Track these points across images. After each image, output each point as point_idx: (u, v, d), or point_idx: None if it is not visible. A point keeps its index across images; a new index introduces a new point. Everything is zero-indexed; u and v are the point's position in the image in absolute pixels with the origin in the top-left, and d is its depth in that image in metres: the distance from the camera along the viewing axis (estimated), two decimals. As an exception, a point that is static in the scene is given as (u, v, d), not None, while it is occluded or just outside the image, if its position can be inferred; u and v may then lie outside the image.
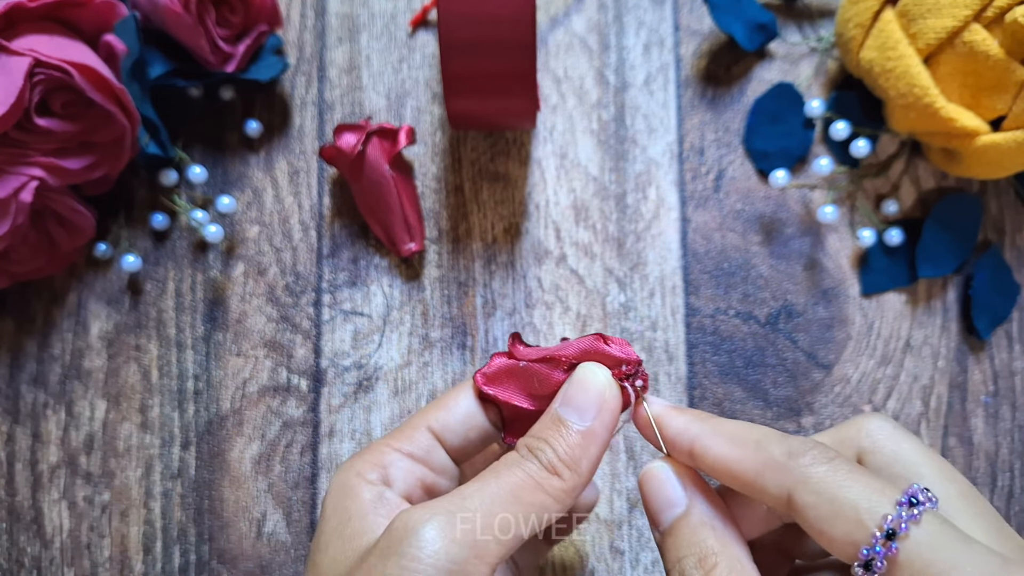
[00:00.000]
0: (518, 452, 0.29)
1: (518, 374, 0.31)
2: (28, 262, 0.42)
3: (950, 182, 0.46)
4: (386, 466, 0.30)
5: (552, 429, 0.29)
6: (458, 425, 0.32)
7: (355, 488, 0.30)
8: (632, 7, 0.47)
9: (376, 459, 0.30)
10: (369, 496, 0.29)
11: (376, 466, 0.30)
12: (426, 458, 0.31)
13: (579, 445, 0.29)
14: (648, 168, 0.46)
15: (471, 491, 0.27)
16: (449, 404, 0.32)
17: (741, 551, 0.28)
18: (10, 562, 0.43)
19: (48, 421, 0.44)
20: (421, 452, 0.31)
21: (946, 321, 0.45)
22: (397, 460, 0.31)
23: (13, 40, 0.38)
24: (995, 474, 0.44)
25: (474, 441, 0.32)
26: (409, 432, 0.31)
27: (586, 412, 0.29)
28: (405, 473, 0.30)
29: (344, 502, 0.29)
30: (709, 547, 0.27)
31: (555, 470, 0.28)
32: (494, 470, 0.28)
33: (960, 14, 0.39)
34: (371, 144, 0.43)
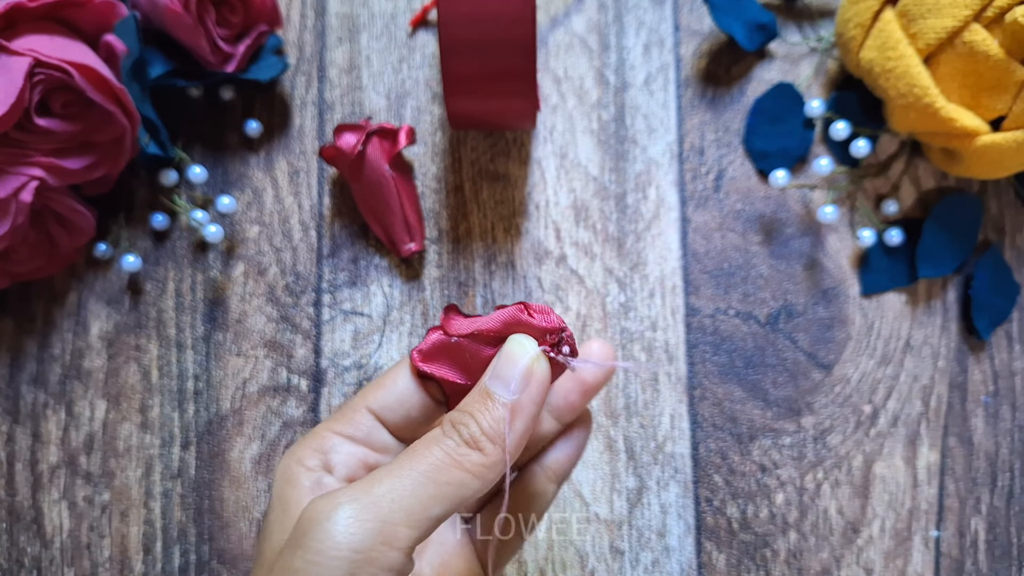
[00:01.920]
0: (441, 428, 0.28)
1: (451, 350, 0.31)
2: (28, 262, 0.42)
3: (950, 182, 0.46)
4: (327, 451, 0.30)
5: (479, 403, 0.29)
6: (397, 404, 0.31)
7: (295, 475, 0.30)
8: (632, 7, 0.47)
9: (316, 444, 0.31)
10: (308, 483, 0.29)
11: (316, 451, 0.30)
12: (367, 439, 0.31)
13: (504, 418, 0.28)
14: (648, 168, 0.46)
15: (382, 474, 0.27)
16: (387, 383, 0.32)
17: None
18: (10, 562, 0.43)
19: (48, 421, 0.44)
20: (362, 434, 0.31)
21: (946, 321, 0.45)
22: (338, 444, 0.31)
23: (13, 40, 0.38)
24: (995, 474, 0.44)
25: (416, 418, 0.32)
26: (349, 414, 0.31)
27: (512, 384, 0.29)
28: (346, 456, 0.31)
29: (285, 490, 0.30)
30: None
31: (477, 444, 0.28)
32: (411, 450, 0.28)
33: (960, 14, 0.39)
34: (371, 144, 0.43)
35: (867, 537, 0.43)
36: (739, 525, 0.43)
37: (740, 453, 0.44)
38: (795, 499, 0.43)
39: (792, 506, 0.43)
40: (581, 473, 0.43)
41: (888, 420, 0.44)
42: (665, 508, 0.43)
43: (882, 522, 0.43)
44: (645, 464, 0.43)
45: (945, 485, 0.44)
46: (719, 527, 0.43)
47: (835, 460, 0.44)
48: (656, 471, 0.43)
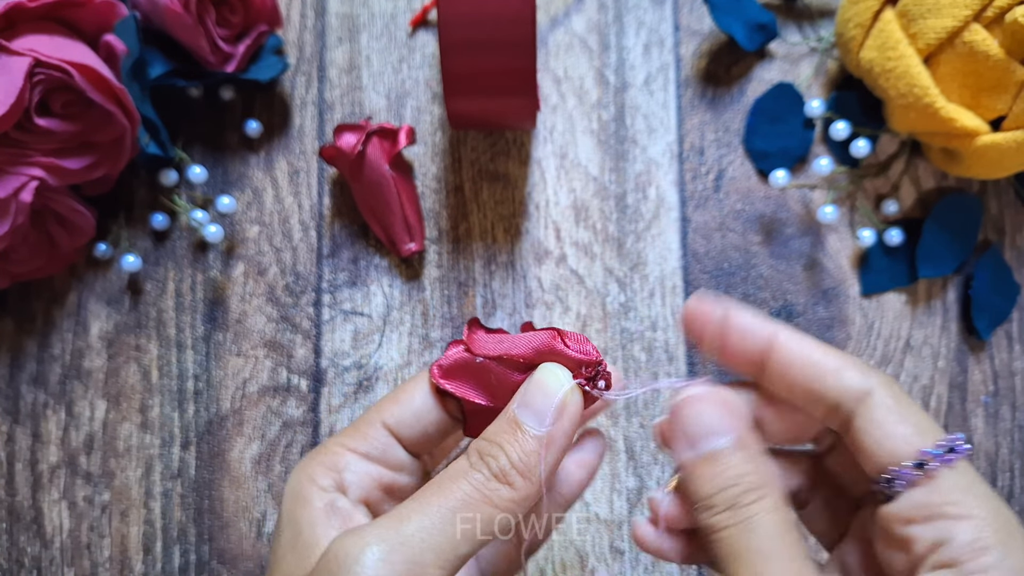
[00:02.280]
0: (467, 458, 0.27)
1: (475, 370, 0.30)
2: (28, 262, 0.42)
3: (950, 182, 0.46)
4: (340, 469, 0.29)
5: (507, 433, 0.27)
6: (414, 420, 0.30)
7: (307, 496, 0.28)
8: (632, 7, 0.47)
9: (330, 461, 0.29)
10: (321, 504, 0.28)
11: (330, 469, 0.29)
12: (382, 457, 0.30)
13: (535, 452, 0.27)
14: (648, 168, 0.46)
15: (409, 511, 0.26)
16: (403, 398, 0.30)
17: (780, 489, 0.27)
18: (10, 562, 0.43)
19: (48, 421, 0.44)
20: (377, 451, 0.30)
21: (946, 321, 0.45)
22: (352, 462, 0.29)
23: (13, 40, 0.38)
24: (995, 474, 0.44)
25: (432, 435, 0.31)
26: (364, 429, 0.30)
27: (544, 417, 0.27)
28: (361, 476, 0.29)
29: (296, 511, 0.28)
30: (752, 482, 0.27)
31: (506, 478, 0.27)
32: (438, 484, 0.27)
33: (960, 14, 0.39)
34: (371, 144, 0.43)
35: (867, 537, 0.43)
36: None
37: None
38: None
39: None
40: (581, 473, 0.43)
41: (888, 420, 0.44)
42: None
43: (882, 522, 0.43)
44: (645, 464, 0.43)
45: (945, 485, 0.44)
46: (719, 527, 0.43)
47: (835, 460, 0.44)
48: (656, 471, 0.43)
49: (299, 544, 0.28)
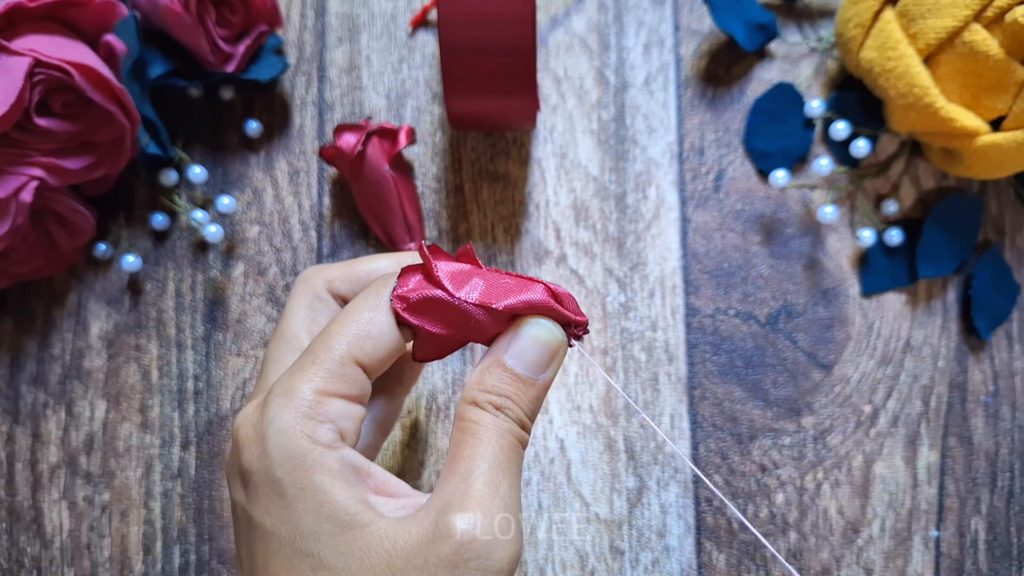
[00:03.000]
0: (485, 411, 0.29)
1: (448, 311, 0.29)
2: (28, 262, 0.42)
3: (950, 182, 0.46)
4: (334, 419, 0.27)
5: (513, 384, 0.29)
6: (387, 356, 0.29)
7: (316, 458, 0.26)
8: (632, 7, 0.47)
9: (319, 412, 0.27)
10: (337, 466, 0.27)
11: (324, 421, 0.27)
12: (362, 395, 0.29)
13: (539, 397, 0.30)
14: (648, 168, 0.46)
15: (489, 480, 0.28)
16: (373, 333, 0.29)
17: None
18: (10, 562, 0.43)
19: (48, 421, 0.44)
20: (358, 391, 0.29)
21: (946, 321, 0.45)
22: (341, 408, 0.28)
23: (13, 40, 0.38)
24: (995, 474, 0.44)
25: (387, 363, 0.30)
26: (338, 369, 0.28)
27: (541, 368, 0.30)
28: (354, 422, 0.28)
29: (309, 478, 0.26)
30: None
31: (523, 424, 0.30)
32: (485, 442, 0.28)
33: (960, 14, 0.39)
34: (371, 144, 0.43)
35: (867, 537, 0.43)
36: (739, 525, 0.43)
37: (740, 453, 0.44)
38: (795, 499, 0.43)
39: (792, 506, 0.43)
40: (581, 473, 0.43)
41: (888, 420, 0.44)
42: (665, 508, 0.43)
43: (882, 522, 0.43)
44: (645, 464, 0.43)
45: (945, 485, 0.44)
46: (719, 527, 0.43)
47: (835, 460, 0.44)
48: (656, 471, 0.43)
49: (322, 516, 0.26)
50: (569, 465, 0.43)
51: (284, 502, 0.26)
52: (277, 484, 0.26)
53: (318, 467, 0.26)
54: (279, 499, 0.26)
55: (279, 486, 0.26)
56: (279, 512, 0.26)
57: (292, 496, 0.26)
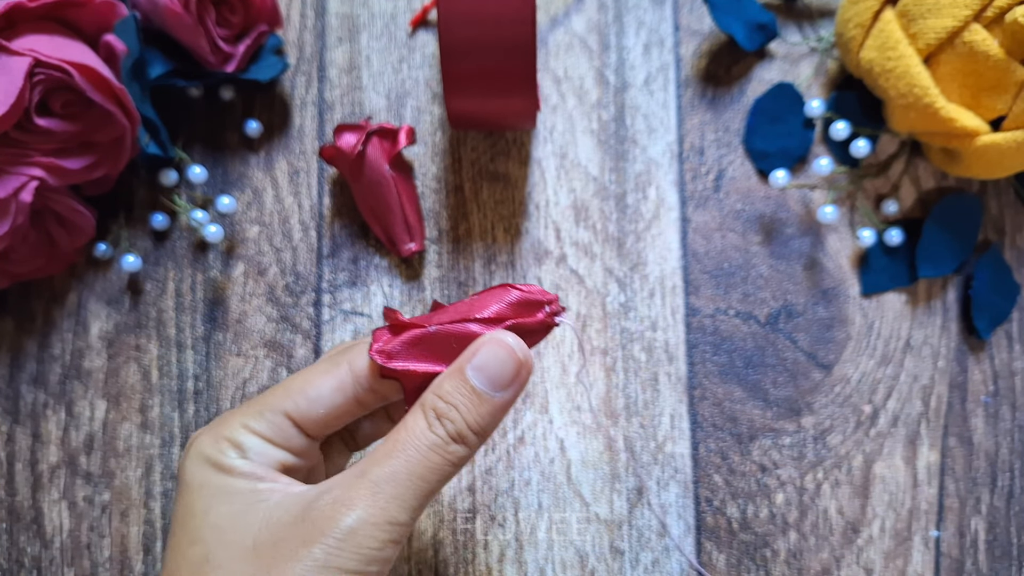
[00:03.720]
0: (424, 416, 0.29)
1: (428, 341, 0.30)
2: (28, 262, 0.42)
3: (950, 182, 0.46)
4: (244, 447, 0.30)
5: (464, 395, 0.29)
6: (319, 416, 0.31)
7: (224, 463, 0.29)
8: (632, 7, 0.47)
9: (233, 437, 0.30)
10: (245, 468, 0.29)
11: (233, 445, 0.30)
12: (285, 443, 0.31)
13: (492, 415, 0.29)
14: (648, 168, 0.46)
15: (383, 474, 0.28)
16: (310, 392, 0.31)
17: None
18: (10, 562, 0.43)
19: (48, 421, 0.44)
20: (280, 439, 0.31)
21: (946, 321, 0.45)
22: (255, 443, 0.30)
23: (13, 40, 0.38)
24: (995, 474, 0.44)
25: (335, 424, 0.32)
26: (268, 416, 0.31)
27: (504, 385, 0.29)
28: (263, 455, 0.30)
29: (207, 475, 0.29)
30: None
31: (463, 439, 0.29)
32: (401, 444, 0.29)
33: (960, 14, 0.39)
34: (371, 144, 0.43)
35: (867, 537, 0.43)
36: (739, 525, 0.43)
37: (740, 453, 0.44)
38: (795, 499, 0.43)
39: (792, 506, 0.43)
40: (581, 473, 0.43)
41: (888, 420, 0.44)
42: (665, 508, 0.43)
43: (882, 522, 0.43)
44: (645, 464, 0.43)
45: (945, 485, 0.44)
46: (719, 527, 0.43)
47: (835, 460, 0.44)
48: (656, 471, 0.43)
49: (232, 504, 0.29)
50: (569, 465, 0.43)
51: (191, 491, 0.30)
52: (190, 480, 0.30)
53: (220, 472, 0.30)
54: (187, 489, 0.30)
55: (190, 481, 0.30)
56: (186, 498, 0.30)
57: (196, 487, 0.30)
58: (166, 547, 0.30)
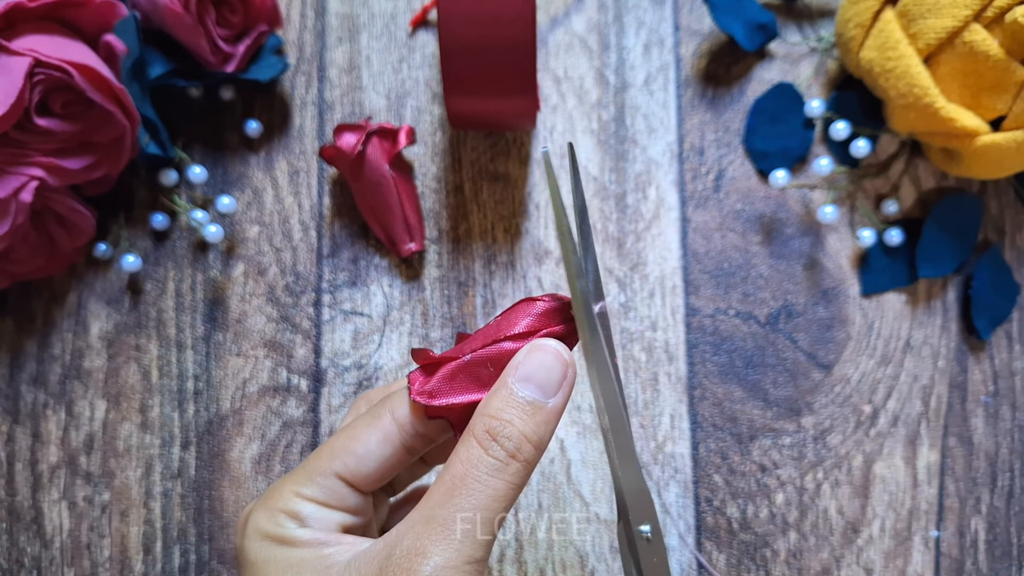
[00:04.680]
0: (478, 442, 0.28)
1: (466, 371, 0.30)
2: (28, 262, 0.42)
3: (950, 182, 0.46)
4: (302, 517, 0.30)
5: (517, 409, 0.28)
6: (371, 471, 0.30)
7: (285, 536, 0.29)
8: (632, 7, 0.47)
9: (290, 508, 0.30)
10: (308, 536, 0.29)
11: (292, 517, 0.29)
12: (341, 504, 0.30)
13: (547, 423, 0.29)
14: (648, 168, 0.46)
15: (450, 515, 0.27)
16: (358, 449, 0.30)
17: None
18: (10, 562, 0.43)
19: (48, 421, 0.44)
20: (335, 500, 0.30)
21: (946, 321, 0.45)
22: (312, 510, 0.30)
23: (13, 40, 0.38)
24: (995, 474, 0.44)
25: (387, 474, 0.31)
26: (319, 480, 0.30)
27: (554, 389, 0.29)
28: (322, 521, 0.30)
29: (279, 553, 0.29)
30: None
31: (520, 454, 0.28)
32: (460, 479, 0.28)
33: (960, 14, 0.39)
34: (371, 144, 0.43)
35: (867, 537, 0.43)
36: (739, 525, 0.43)
37: (740, 453, 0.44)
38: (795, 499, 0.43)
39: (792, 506, 0.43)
40: (581, 473, 0.43)
41: (888, 420, 0.44)
42: (665, 508, 0.43)
43: (882, 522, 0.43)
44: (645, 464, 0.43)
45: (945, 485, 0.44)
46: (719, 527, 0.43)
47: (835, 460, 0.44)
48: (656, 471, 0.43)
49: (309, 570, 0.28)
50: (569, 465, 0.43)
51: (254, 569, 0.29)
52: (253, 558, 0.29)
53: (284, 545, 0.29)
54: (251, 567, 0.29)
55: (254, 560, 0.29)
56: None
57: (262, 564, 0.29)
58: None
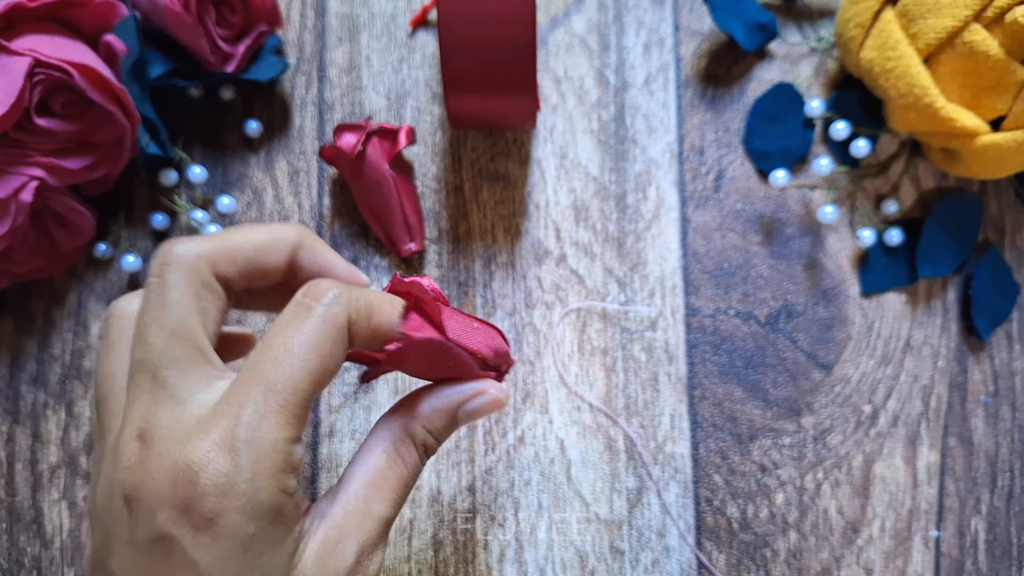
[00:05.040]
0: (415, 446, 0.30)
1: (436, 350, 0.30)
2: (28, 262, 0.42)
3: (950, 182, 0.46)
4: (297, 464, 0.26)
5: (448, 431, 0.31)
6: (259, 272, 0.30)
7: (288, 513, 0.26)
8: (632, 7, 0.47)
9: (293, 461, 0.26)
10: (296, 500, 0.27)
11: (295, 470, 0.26)
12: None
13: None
14: (648, 168, 0.46)
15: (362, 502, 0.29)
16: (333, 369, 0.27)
17: None
18: (10, 562, 0.43)
19: (48, 421, 0.44)
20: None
21: (946, 321, 0.45)
22: (301, 451, 0.27)
23: (13, 40, 0.38)
24: (995, 474, 0.44)
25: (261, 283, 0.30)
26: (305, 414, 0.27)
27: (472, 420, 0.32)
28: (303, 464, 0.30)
29: (284, 530, 0.26)
30: None
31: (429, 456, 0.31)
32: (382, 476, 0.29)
33: (960, 14, 0.39)
34: (371, 144, 0.43)
35: (867, 537, 0.43)
36: (739, 525, 0.43)
37: (740, 453, 0.44)
38: (795, 499, 0.43)
39: (792, 506, 0.43)
40: (581, 473, 0.43)
41: (888, 420, 0.44)
42: (665, 508, 0.43)
43: (882, 522, 0.43)
44: (645, 464, 0.43)
45: (945, 485, 0.44)
46: (719, 527, 0.43)
47: (835, 460, 0.44)
48: (656, 471, 0.43)
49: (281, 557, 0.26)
50: (569, 465, 0.43)
51: (244, 555, 0.25)
52: (244, 541, 0.25)
53: (279, 522, 0.26)
54: (242, 551, 0.25)
55: (245, 542, 0.25)
56: (238, 565, 0.25)
57: (255, 551, 0.25)
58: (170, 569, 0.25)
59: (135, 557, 0.25)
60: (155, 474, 0.24)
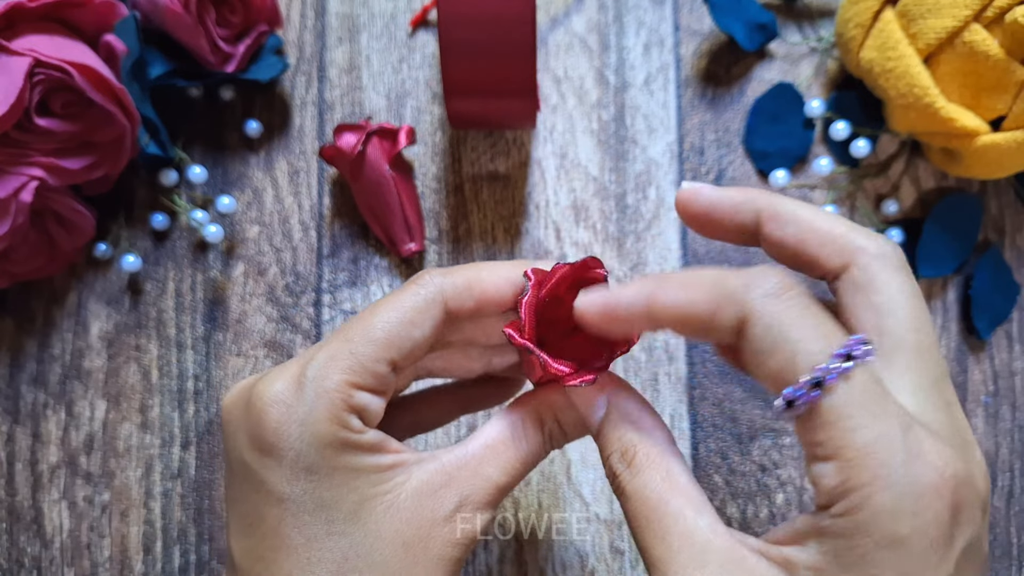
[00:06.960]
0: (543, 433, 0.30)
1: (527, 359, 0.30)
2: (28, 262, 0.42)
3: (950, 182, 0.46)
4: (360, 409, 0.28)
5: (579, 427, 0.31)
6: (419, 358, 0.29)
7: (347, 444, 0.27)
8: (632, 7, 0.47)
9: (352, 404, 0.28)
10: (366, 447, 0.28)
11: (354, 411, 0.28)
12: (387, 392, 0.29)
13: None
14: (648, 168, 0.46)
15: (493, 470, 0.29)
16: (417, 337, 0.28)
17: (662, 437, 0.29)
18: (10, 562, 0.43)
19: (48, 421, 0.44)
20: (384, 387, 0.29)
21: (946, 321, 0.45)
22: (368, 400, 0.28)
23: (13, 40, 0.38)
24: (995, 474, 0.44)
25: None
26: (375, 367, 0.28)
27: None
28: (377, 410, 0.29)
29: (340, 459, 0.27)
30: (629, 440, 0.28)
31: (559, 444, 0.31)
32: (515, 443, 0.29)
33: (960, 14, 0.39)
34: (371, 144, 0.43)
35: (867, 537, 0.43)
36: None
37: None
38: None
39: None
40: (581, 473, 0.43)
41: (888, 420, 0.44)
42: (665, 508, 0.43)
43: (882, 522, 0.43)
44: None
45: (945, 485, 0.44)
46: (719, 527, 0.43)
47: (835, 460, 0.44)
48: (656, 471, 0.43)
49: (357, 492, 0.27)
50: (569, 465, 0.43)
51: (312, 477, 0.27)
52: (308, 465, 0.27)
53: (348, 451, 0.27)
54: (306, 474, 0.27)
55: (310, 466, 0.27)
56: (305, 485, 0.27)
57: (323, 474, 0.27)
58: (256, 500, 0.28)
59: (230, 477, 0.29)
60: (240, 404, 0.29)
